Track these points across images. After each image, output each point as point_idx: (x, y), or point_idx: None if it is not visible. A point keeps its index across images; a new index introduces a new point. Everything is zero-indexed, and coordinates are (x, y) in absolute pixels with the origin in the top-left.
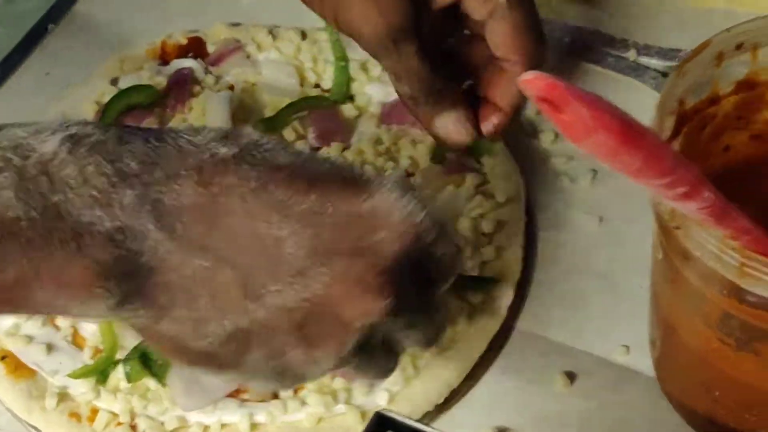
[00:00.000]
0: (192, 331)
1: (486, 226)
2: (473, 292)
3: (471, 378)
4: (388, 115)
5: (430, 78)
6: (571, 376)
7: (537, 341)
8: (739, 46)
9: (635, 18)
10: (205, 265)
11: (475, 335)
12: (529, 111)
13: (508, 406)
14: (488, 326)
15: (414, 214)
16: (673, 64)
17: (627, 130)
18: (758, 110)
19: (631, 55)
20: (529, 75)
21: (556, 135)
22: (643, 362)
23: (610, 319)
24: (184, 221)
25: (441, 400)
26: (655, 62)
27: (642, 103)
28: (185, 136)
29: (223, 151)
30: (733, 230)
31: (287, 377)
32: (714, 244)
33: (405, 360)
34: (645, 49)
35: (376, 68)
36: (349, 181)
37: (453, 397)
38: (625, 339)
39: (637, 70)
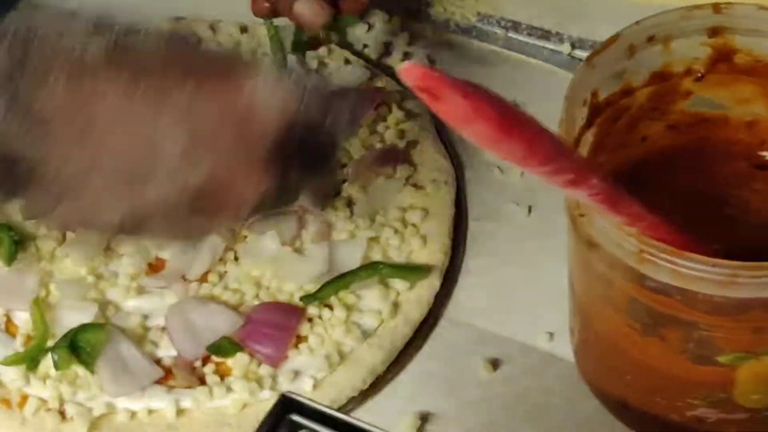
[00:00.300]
0: (90, 213)
1: (413, 217)
2: (400, 281)
3: (396, 365)
4: None
5: None
6: (495, 363)
7: (463, 329)
8: (650, 39)
9: (570, 12)
10: (87, 162)
11: (401, 323)
12: None
13: (433, 392)
14: (413, 314)
15: (291, 95)
16: None
17: (506, 118)
18: (673, 101)
19: (566, 48)
20: (407, 64)
21: None
22: (565, 349)
23: (536, 307)
24: (57, 127)
25: (365, 386)
26: None
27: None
28: (52, 35)
29: (92, 48)
30: (627, 217)
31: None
32: (613, 231)
33: (330, 346)
34: (579, 43)
35: (312, 62)
36: (226, 67)
37: (378, 383)
38: (550, 326)
39: (571, 63)
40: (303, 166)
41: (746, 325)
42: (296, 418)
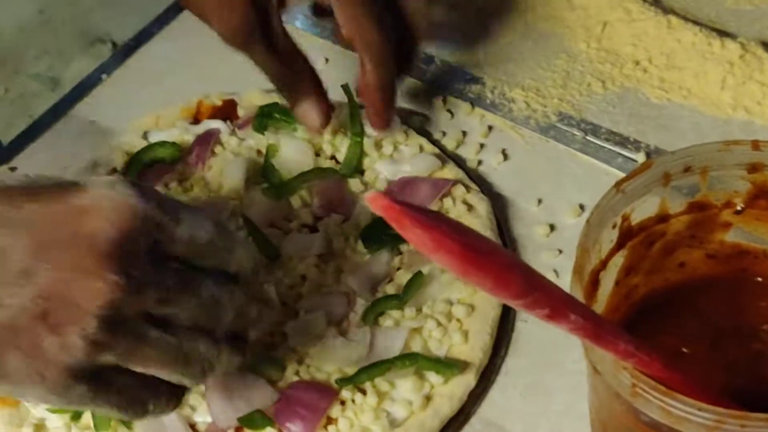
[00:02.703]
0: None
1: (459, 311)
2: (435, 374)
3: None
4: (391, 192)
5: (280, 72)
6: None
7: (492, 430)
8: (687, 169)
9: (651, 122)
10: None
11: (430, 416)
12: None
13: None
14: (444, 409)
15: (127, 201)
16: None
17: (470, 252)
18: (711, 231)
19: (641, 157)
20: (371, 194)
21: (552, 227)
22: None
23: (567, 418)
24: None
25: None
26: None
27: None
28: None
29: None
30: (613, 353)
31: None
32: (610, 362)
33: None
34: (655, 153)
35: (388, 146)
36: (66, 186)
37: None
38: None
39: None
40: (157, 269)
41: None
42: None
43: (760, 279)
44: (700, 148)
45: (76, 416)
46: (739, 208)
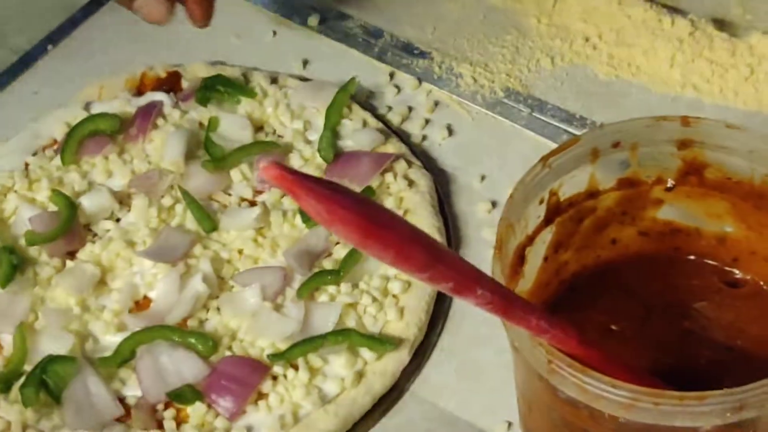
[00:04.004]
0: None
1: (395, 287)
2: (368, 351)
3: None
4: (330, 170)
5: None
6: None
7: (425, 407)
8: (615, 144)
9: (599, 99)
10: None
11: (362, 393)
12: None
13: None
14: (376, 386)
15: None
16: None
17: (368, 224)
18: (643, 207)
19: None
20: (264, 162)
21: (494, 204)
22: None
23: (501, 395)
24: None
25: None
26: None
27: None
28: None
29: None
30: (526, 328)
31: None
32: (526, 338)
33: (285, 408)
34: None
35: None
36: None
37: None
38: (510, 415)
39: None
40: None
41: None
42: None
43: (692, 257)
44: (629, 124)
45: (5, 388)
46: (670, 185)
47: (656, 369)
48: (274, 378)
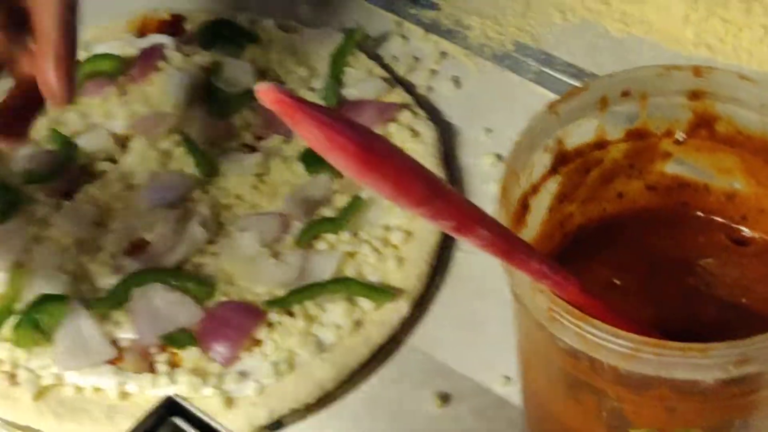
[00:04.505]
0: None
1: (395, 238)
2: (367, 300)
3: (347, 384)
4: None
5: None
6: (445, 398)
7: (422, 358)
8: (625, 93)
9: (609, 55)
10: None
11: (359, 342)
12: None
13: (378, 417)
14: (374, 336)
15: None
16: None
17: (367, 153)
18: (651, 160)
19: None
20: (262, 86)
21: (499, 157)
22: (519, 395)
23: (500, 349)
24: None
25: (311, 401)
26: None
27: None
28: None
29: None
30: (527, 273)
31: None
32: (527, 285)
33: (282, 354)
34: None
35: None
36: None
37: (325, 399)
38: (509, 370)
39: None
40: None
41: (655, 402)
42: (178, 421)
43: (700, 213)
44: (639, 72)
45: None
46: (679, 137)
47: (658, 325)
48: (270, 325)
